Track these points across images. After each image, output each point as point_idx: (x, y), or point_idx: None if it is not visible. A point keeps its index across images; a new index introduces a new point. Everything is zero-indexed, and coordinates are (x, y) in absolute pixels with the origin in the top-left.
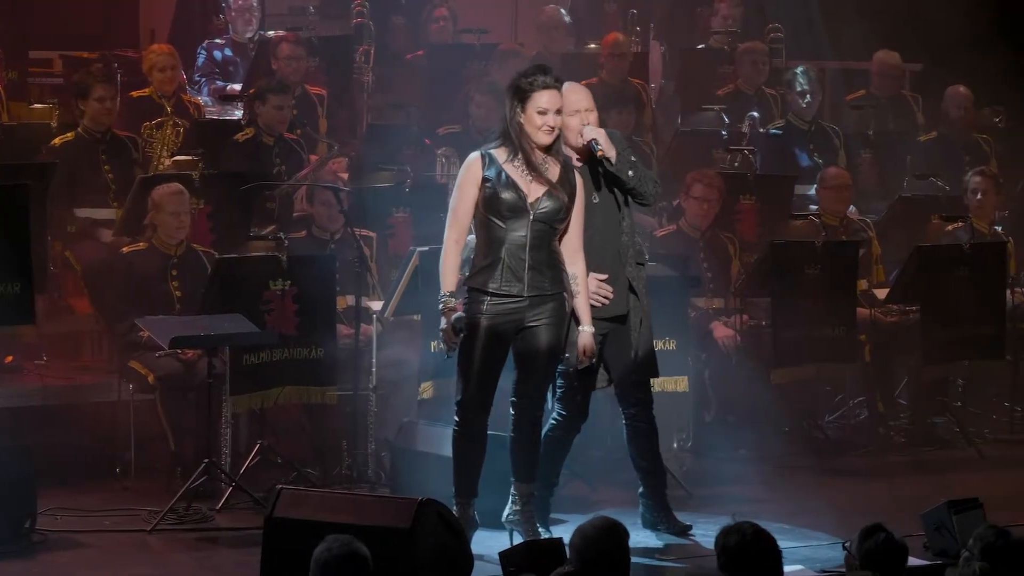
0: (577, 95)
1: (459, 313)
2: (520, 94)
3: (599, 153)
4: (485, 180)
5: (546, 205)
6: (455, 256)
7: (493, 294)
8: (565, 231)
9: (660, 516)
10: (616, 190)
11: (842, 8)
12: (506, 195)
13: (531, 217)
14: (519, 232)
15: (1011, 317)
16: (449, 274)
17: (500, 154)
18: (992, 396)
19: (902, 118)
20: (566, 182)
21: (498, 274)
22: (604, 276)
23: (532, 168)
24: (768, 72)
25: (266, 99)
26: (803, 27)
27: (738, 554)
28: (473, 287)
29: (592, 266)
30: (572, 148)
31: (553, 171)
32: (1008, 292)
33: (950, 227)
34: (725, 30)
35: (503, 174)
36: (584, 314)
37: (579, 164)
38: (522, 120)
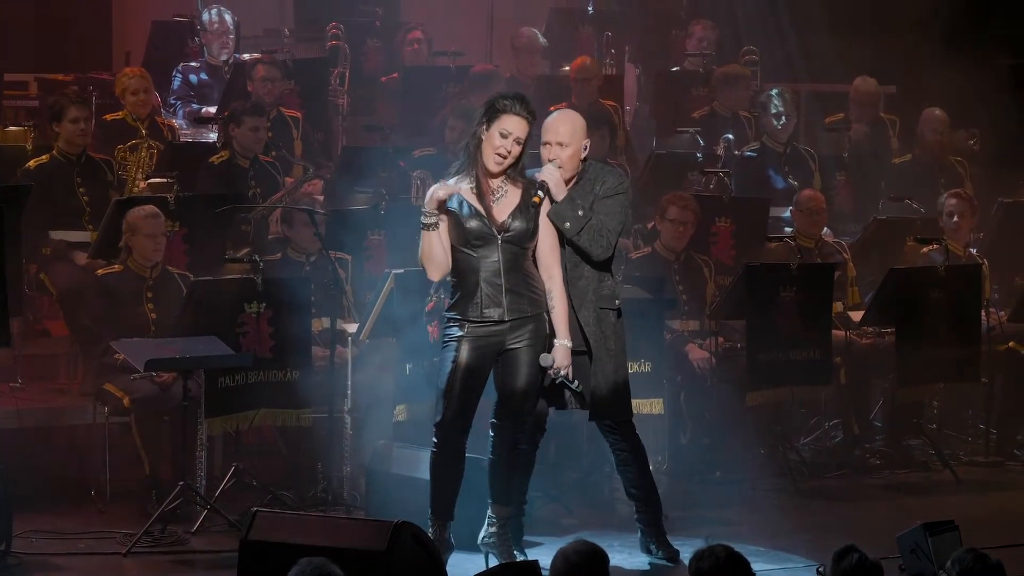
0: (559, 125)
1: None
2: (491, 112)
3: (535, 199)
4: (450, 212)
5: (513, 228)
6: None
7: (473, 321)
8: (535, 248)
9: (653, 539)
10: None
11: (816, 31)
12: (471, 224)
13: (500, 241)
14: (491, 258)
15: (986, 339)
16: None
17: (463, 179)
18: (967, 418)
19: (877, 140)
20: (528, 203)
21: (477, 301)
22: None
23: (489, 192)
24: (747, 96)
25: (241, 121)
26: (778, 50)
27: None
28: (452, 315)
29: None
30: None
31: (513, 192)
32: (983, 314)
33: (925, 249)
34: (700, 53)
35: (464, 203)
36: (561, 327)
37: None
38: (483, 137)
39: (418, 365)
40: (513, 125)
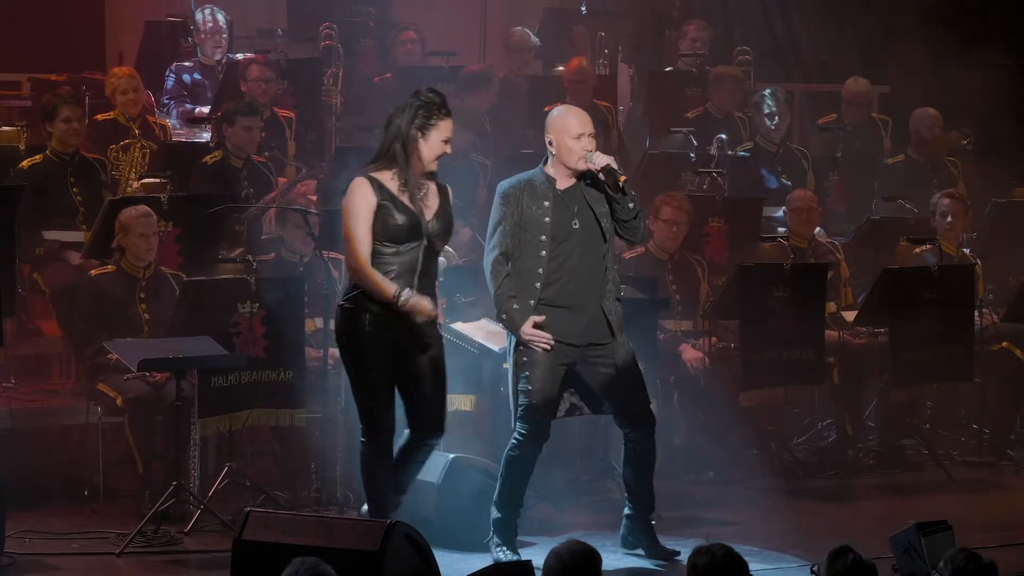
0: (579, 118)
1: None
2: (428, 114)
3: (621, 179)
4: (379, 205)
5: (436, 227)
6: (374, 270)
7: (384, 325)
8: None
9: (643, 540)
10: (600, 220)
11: (810, 31)
12: (401, 219)
13: (424, 241)
14: (410, 257)
15: (979, 339)
16: (381, 280)
17: (385, 177)
18: (961, 418)
19: (870, 140)
20: (446, 202)
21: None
22: (541, 318)
23: (419, 190)
24: (740, 98)
25: (234, 121)
26: (771, 50)
27: (708, 575)
28: (357, 308)
29: (562, 292)
30: (571, 171)
31: (432, 191)
32: (976, 314)
33: (918, 249)
34: (693, 53)
35: (394, 197)
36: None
37: (566, 186)
38: (420, 142)
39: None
40: (449, 127)
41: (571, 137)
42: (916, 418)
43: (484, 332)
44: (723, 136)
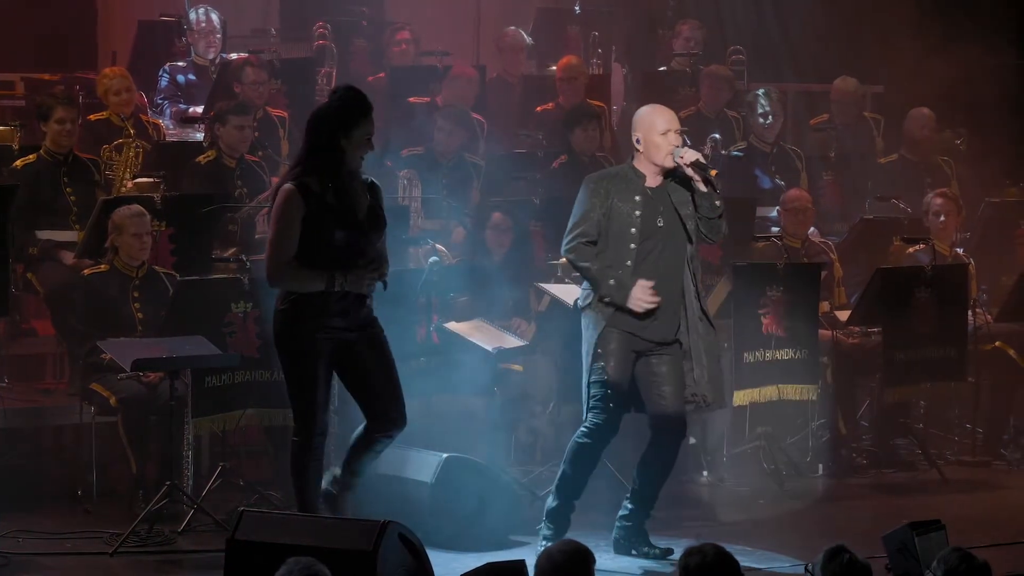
0: (665, 116)
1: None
2: (351, 120)
3: (713, 173)
4: (309, 212)
5: (371, 224)
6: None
7: (322, 325)
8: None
9: (637, 541)
10: (686, 222)
11: (803, 30)
12: (332, 221)
13: (361, 240)
14: (347, 254)
15: (972, 339)
16: (307, 274)
17: (312, 182)
18: (954, 418)
19: (862, 140)
20: (376, 199)
21: (332, 299)
22: (651, 282)
23: (351, 191)
24: (727, 97)
25: (226, 120)
26: (764, 49)
27: (699, 575)
28: (294, 310)
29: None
30: (659, 168)
31: (357, 189)
32: (970, 314)
33: (911, 249)
34: (687, 52)
35: (326, 201)
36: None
37: (655, 184)
38: (345, 146)
39: (404, 364)
40: (371, 124)
41: (658, 133)
42: (909, 418)
43: (478, 332)
44: (717, 136)
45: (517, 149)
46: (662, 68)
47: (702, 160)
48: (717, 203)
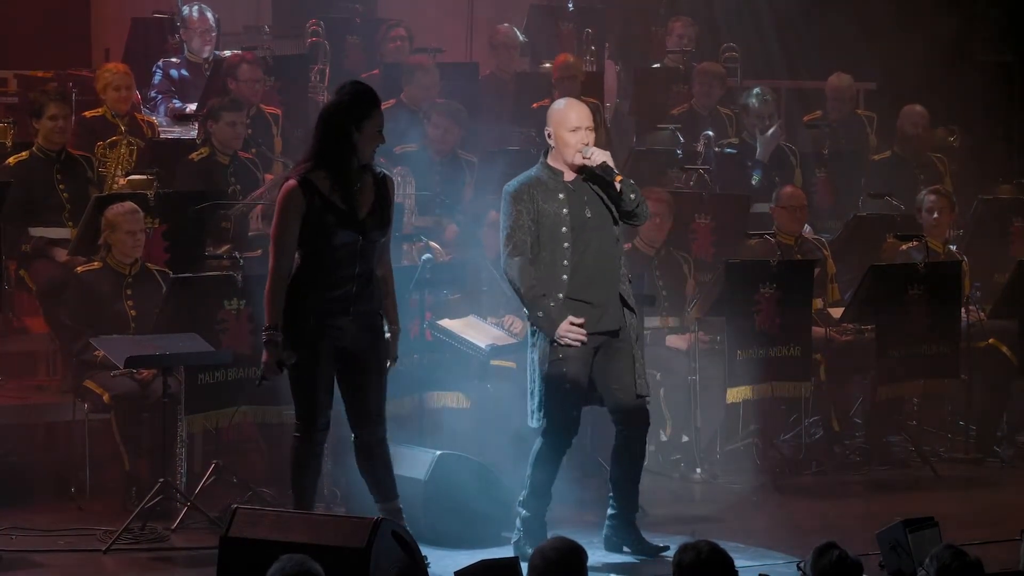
0: (578, 112)
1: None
2: (362, 113)
3: (617, 178)
4: (311, 209)
5: (371, 222)
6: (283, 289)
7: (324, 322)
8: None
9: (629, 538)
10: (610, 206)
11: (796, 28)
12: (333, 219)
13: (359, 238)
14: (346, 252)
15: (966, 336)
16: (276, 305)
17: (318, 178)
18: (947, 415)
19: (855, 137)
20: (383, 194)
21: (334, 296)
22: (580, 320)
23: (358, 187)
24: (720, 94)
25: (219, 117)
26: (757, 47)
27: (693, 571)
28: (300, 306)
29: (585, 282)
30: (568, 165)
31: (368, 184)
32: (963, 311)
33: (905, 246)
34: (680, 50)
35: (329, 198)
36: (391, 313)
37: (573, 177)
38: (356, 139)
39: (398, 361)
40: (382, 117)
41: (567, 130)
42: (903, 415)
43: (471, 329)
44: (710, 132)
45: (510, 146)
46: (655, 65)
47: (609, 164)
48: (632, 196)
